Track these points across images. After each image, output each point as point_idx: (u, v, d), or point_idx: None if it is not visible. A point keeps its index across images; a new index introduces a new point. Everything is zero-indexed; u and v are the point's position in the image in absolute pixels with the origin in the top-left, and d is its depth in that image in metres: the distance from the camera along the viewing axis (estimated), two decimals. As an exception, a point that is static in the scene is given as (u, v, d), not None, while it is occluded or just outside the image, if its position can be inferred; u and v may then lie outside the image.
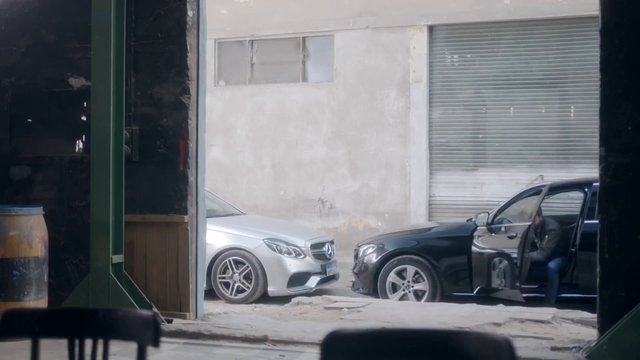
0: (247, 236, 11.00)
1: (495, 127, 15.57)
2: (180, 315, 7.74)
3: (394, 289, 10.14)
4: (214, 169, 17.20)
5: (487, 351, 2.17)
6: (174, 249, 7.83)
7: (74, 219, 8.18)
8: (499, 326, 7.68)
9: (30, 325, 2.81)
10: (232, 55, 17.60)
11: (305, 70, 17.12)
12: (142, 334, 2.71)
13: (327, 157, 16.63)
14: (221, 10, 17.08)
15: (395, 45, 15.95)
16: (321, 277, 11.20)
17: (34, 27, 8.40)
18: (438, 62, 15.90)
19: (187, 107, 7.83)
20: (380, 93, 16.11)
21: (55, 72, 8.30)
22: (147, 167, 7.92)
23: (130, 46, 7.88)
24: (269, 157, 17.08)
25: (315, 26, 16.61)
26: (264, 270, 10.67)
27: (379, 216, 16.02)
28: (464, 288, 9.83)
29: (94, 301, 7.49)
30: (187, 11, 7.82)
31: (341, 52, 16.49)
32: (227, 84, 17.68)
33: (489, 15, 15.22)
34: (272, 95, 17.02)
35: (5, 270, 7.09)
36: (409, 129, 15.85)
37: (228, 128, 17.33)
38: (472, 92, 15.58)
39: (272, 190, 17.03)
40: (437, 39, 15.85)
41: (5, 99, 8.53)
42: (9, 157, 8.50)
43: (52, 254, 7.86)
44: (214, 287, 10.78)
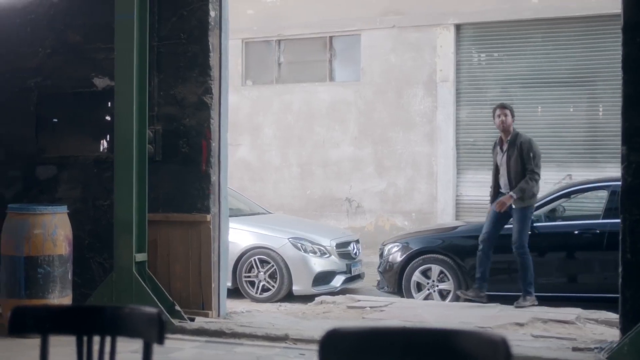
0: (272, 235, 11.03)
1: (522, 126, 15.33)
2: (202, 314, 7.79)
3: (418, 288, 10.10)
4: (241, 168, 17.27)
5: (484, 350, 2.18)
6: (197, 248, 7.88)
7: (98, 218, 8.27)
8: (521, 326, 7.65)
9: (40, 322, 2.85)
10: (259, 55, 17.65)
11: (332, 70, 17.12)
12: (147, 331, 2.74)
13: (354, 156, 16.62)
14: (248, 10, 17.14)
15: (422, 44, 15.90)
16: (346, 276, 11.20)
17: (59, 28, 8.51)
18: (465, 60, 15.83)
19: (209, 107, 7.89)
20: (407, 92, 16.08)
21: (80, 72, 8.40)
22: (170, 167, 7.99)
23: (153, 46, 7.95)
24: (295, 156, 17.11)
25: (341, 25, 16.60)
26: (289, 269, 10.68)
27: (406, 215, 15.99)
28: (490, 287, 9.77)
29: (117, 299, 7.57)
30: (210, 11, 7.88)
31: (368, 51, 16.47)
32: (254, 84, 17.74)
33: (516, 14, 15.11)
34: (299, 95, 17.04)
35: (30, 268, 7.20)
36: (435, 128, 15.80)
37: (255, 127, 17.39)
38: (499, 90, 15.47)
39: (299, 189, 17.06)
40: (464, 38, 15.78)
41: (31, 99, 8.64)
42: (35, 157, 8.62)
43: (76, 252, 7.96)
44: (239, 285, 10.82)
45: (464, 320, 7.83)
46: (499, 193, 9.24)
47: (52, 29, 8.54)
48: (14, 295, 7.21)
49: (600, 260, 9.53)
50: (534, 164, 8.97)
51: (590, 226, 9.81)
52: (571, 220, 10.43)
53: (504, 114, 9.17)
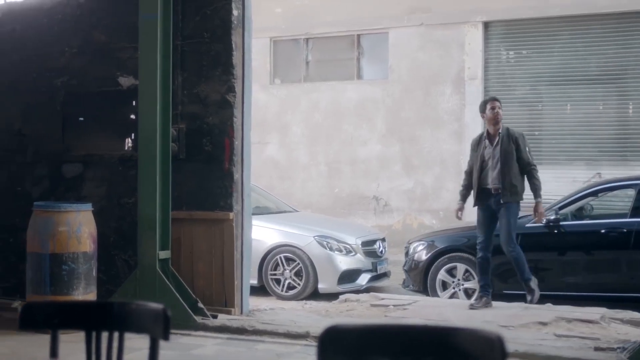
0: (297, 233, 11.06)
1: (551, 124, 15.35)
2: (225, 311, 7.84)
3: (444, 286, 10.07)
4: (269, 167, 17.34)
5: (480, 347, 2.19)
6: (220, 246, 7.93)
7: (123, 216, 8.35)
8: (545, 325, 7.60)
9: (50, 318, 2.89)
10: (287, 54, 17.70)
11: (360, 68, 17.12)
12: (154, 327, 2.77)
13: (382, 155, 16.61)
14: (276, 9, 17.21)
15: (450, 42, 15.84)
16: (372, 274, 11.20)
17: (86, 28, 8.60)
18: (493, 58, 15.75)
19: (232, 106, 7.93)
20: (434, 90, 16.03)
21: (106, 71, 8.49)
22: (193, 165, 8.04)
23: (177, 45, 8.01)
24: (323, 155, 17.13)
25: (369, 24, 16.60)
26: (315, 267, 10.71)
27: (434, 214, 15.94)
28: (515, 286, 9.73)
29: (141, 296, 7.63)
30: (232, 10, 7.92)
31: (395, 49, 16.44)
32: (283, 82, 17.79)
33: (544, 11, 15.00)
34: (327, 93, 17.06)
35: (55, 264, 7.28)
36: (463, 125, 15.73)
37: (283, 126, 17.44)
38: (528, 88, 15.38)
39: (326, 187, 17.08)
40: (493, 35, 15.69)
41: (58, 98, 8.75)
42: (61, 155, 8.73)
43: (102, 249, 8.05)
44: (265, 283, 10.87)
45: (487, 319, 7.80)
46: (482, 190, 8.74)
47: (78, 29, 8.63)
48: (39, 292, 7.31)
49: (627, 260, 9.46)
50: (531, 158, 8.75)
51: (617, 225, 9.71)
52: (598, 219, 10.33)
53: (499, 107, 8.77)
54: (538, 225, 9.76)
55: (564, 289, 9.49)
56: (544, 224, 9.71)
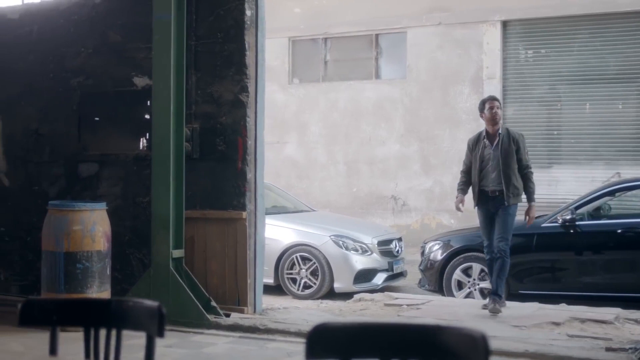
0: (313, 232, 11.09)
1: (570, 124, 15.27)
2: (238, 310, 7.88)
3: (459, 286, 10.06)
4: (288, 166, 17.38)
5: (464, 345, 2.21)
6: (233, 245, 7.97)
7: (138, 215, 8.41)
8: (558, 325, 7.57)
9: (49, 315, 2.94)
10: (306, 53, 17.73)
11: (378, 67, 17.12)
12: (149, 324, 2.80)
13: (400, 154, 16.59)
14: (295, 8, 17.25)
15: (468, 41, 15.80)
16: (388, 274, 11.20)
17: (101, 28, 8.68)
18: (512, 57, 15.68)
19: (245, 105, 7.97)
20: (453, 89, 15.99)
21: (121, 71, 8.56)
22: (207, 164, 8.10)
23: (191, 45, 8.06)
24: (342, 154, 17.14)
25: (387, 23, 16.59)
26: (330, 266, 10.73)
27: (452, 213, 15.86)
28: (531, 286, 9.70)
29: (154, 295, 7.68)
30: (246, 11, 7.95)
31: (414, 48, 16.42)
32: (301, 82, 17.82)
33: (563, 10, 14.92)
34: (345, 92, 17.08)
35: (69, 263, 7.35)
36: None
37: (302, 125, 17.48)
38: (546, 88, 15.31)
39: (345, 187, 17.09)
40: (511, 35, 15.63)
41: (74, 98, 8.84)
42: (78, 155, 8.81)
43: (117, 248, 8.12)
44: (281, 282, 10.91)
45: (499, 319, 7.78)
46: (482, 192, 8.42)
47: (94, 30, 8.71)
48: (53, 290, 7.38)
49: (644, 260, 9.41)
50: (528, 160, 8.51)
51: (634, 225, 9.66)
52: (615, 219, 10.27)
53: (497, 107, 8.47)
54: (554, 225, 9.73)
55: (580, 289, 9.44)
56: (559, 224, 9.68)
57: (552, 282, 9.71)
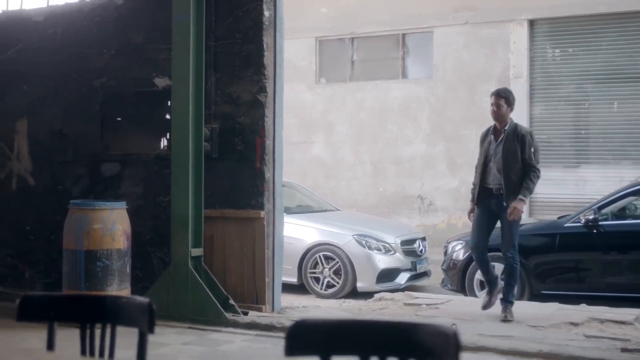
0: (337, 232, 11.12)
1: (598, 123, 15.14)
2: (256, 308, 7.94)
3: (482, 286, 10.01)
4: (314, 166, 17.44)
5: (437, 341, 2.24)
6: (251, 243, 8.04)
7: (158, 214, 8.52)
8: (576, 326, 7.52)
9: (46, 310, 3.01)
10: (333, 53, 17.77)
11: (405, 67, 17.12)
12: (141, 320, 2.86)
13: (426, 154, 16.57)
14: (321, 8, 17.31)
15: (495, 41, 15.74)
16: (411, 273, 11.20)
17: (124, 29, 8.80)
18: (539, 56, 15.59)
19: (263, 105, 8.04)
20: (479, 89, 15.92)
21: (142, 72, 8.67)
22: (226, 164, 8.17)
23: (210, 46, 8.14)
24: (368, 154, 17.17)
25: (414, 23, 16.58)
26: (353, 266, 10.76)
27: (479, 213, 15.83)
28: (553, 286, 9.65)
29: (174, 293, 7.79)
30: (264, 11, 8.02)
31: (440, 48, 16.40)
32: (328, 82, 17.87)
33: (591, 8, 14.79)
34: (372, 92, 17.10)
35: (90, 261, 7.47)
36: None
37: (329, 125, 17.53)
38: (574, 87, 15.20)
39: (371, 186, 17.11)
40: (538, 33, 15.54)
41: (97, 99, 8.97)
42: (100, 154, 8.94)
43: (138, 247, 8.24)
44: (305, 282, 10.96)
45: (517, 319, 7.76)
46: (484, 189, 8.04)
47: (116, 31, 8.83)
48: (74, 288, 7.50)
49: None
50: (535, 159, 7.90)
51: (658, 225, 9.58)
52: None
53: (497, 105, 8.03)
54: (577, 224, 9.67)
55: (603, 289, 9.36)
56: (582, 224, 9.62)
57: (574, 283, 9.64)
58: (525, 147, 7.84)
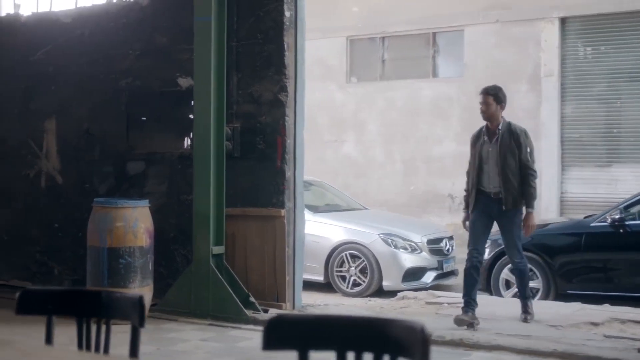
0: (363, 231, 11.16)
1: (630, 122, 14.97)
2: (276, 306, 8.02)
3: (507, 285, 10.00)
4: (346, 165, 17.49)
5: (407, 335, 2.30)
6: (272, 242, 8.12)
7: (182, 212, 8.63)
8: (596, 326, 7.49)
9: (44, 304, 3.11)
10: (364, 52, 17.80)
11: (436, 66, 17.08)
12: (132, 314, 2.94)
13: (457, 153, 16.47)
14: (352, 7, 17.34)
15: (526, 39, 15.63)
16: (438, 272, 11.19)
17: (148, 30, 8.93)
18: (570, 54, 15.45)
19: (284, 105, 8.12)
20: (510, 87, 15.70)
21: (166, 72, 8.80)
22: (247, 163, 8.26)
23: (232, 47, 8.24)
24: (399, 153, 17.16)
25: (445, 21, 16.54)
26: (379, 264, 10.78)
27: (509, 212, 15.76)
28: (579, 286, 9.60)
29: (195, 290, 7.91)
30: (285, 12, 8.09)
31: (471, 46, 16.34)
32: (359, 81, 17.91)
33: (624, 5, 14.62)
34: (403, 91, 17.09)
35: (112, 258, 7.61)
36: (540, 123, 15.49)
37: (359, 124, 17.56)
38: (606, 85, 15.04)
39: (402, 185, 17.10)
40: (570, 31, 15.40)
41: (122, 99, 9.12)
42: (126, 153, 9.09)
43: (162, 244, 8.37)
44: (331, 280, 11.01)
45: (536, 318, 7.73)
46: (480, 193, 7.63)
47: (141, 32, 8.97)
48: (97, 284, 7.65)
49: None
50: (531, 160, 7.53)
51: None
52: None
53: (485, 103, 7.53)
54: (603, 224, 9.61)
55: (629, 289, 9.30)
56: (608, 224, 9.56)
57: (600, 283, 9.59)
58: (521, 147, 7.48)
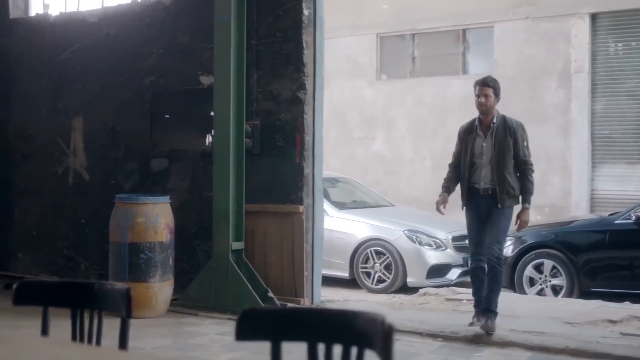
0: (388, 227, 11.20)
1: (662, 119, 14.82)
2: (295, 301, 8.11)
3: (531, 283, 9.99)
4: (375, 162, 17.52)
5: (369, 326, 2.37)
6: (290, 238, 8.21)
7: (203, 208, 8.76)
8: (614, 323, 7.46)
9: (40, 296, 3.23)
10: (394, 49, 17.79)
11: (465, 63, 17.02)
12: (121, 306, 3.04)
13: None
14: (382, 5, 17.36)
15: (556, 35, 15.51)
16: (463, 269, 11.19)
17: (171, 29, 9.07)
18: (601, 51, 15.30)
19: (303, 102, 8.20)
20: (540, 84, 15.74)
21: (188, 71, 8.93)
22: (267, 159, 8.37)
23: (252, 45, 8.35)
24: (428, 150, 17.14)
25: (474, 18, 16.47)
26: (404, 261, 10.82)
27: (539, 209, 15.63)
28: (604, 284, 9.55)
29: (215, 285, 8.02)
30: (303, 10, 8.17)
31: (501, 43, 16.25)
32: (389, 78, 17.92)
33: (655, 0, 14.48)
34: (432, 88, 17.06)
35: (133, 253, 7.76)
36: (570, 120, 15.38)
37: (389, 121, 17.57)
38: (637, 81, 14.87)
39: (431, 182, 17.01)
40: (600, 27, 15.26)
41: (146, 97, 9.27)
42: (149, 151, 9.24)
43: (184, 240, 8.51)
44: (356, 276, 11.08)
45: (554, 315, 7.73)
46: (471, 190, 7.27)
47: (164, 31, 9.11)
48: (119, 279, 7.80)
49: None
50: (528, 154, 7.15)
51: None
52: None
53: (484, 95, 7.20)
54: (627, 221, 9.55)
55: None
56: (633, 221, 9.50)
57: (624, 280, 9.53)
58: (518, 141, 7.10)
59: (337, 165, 16.61)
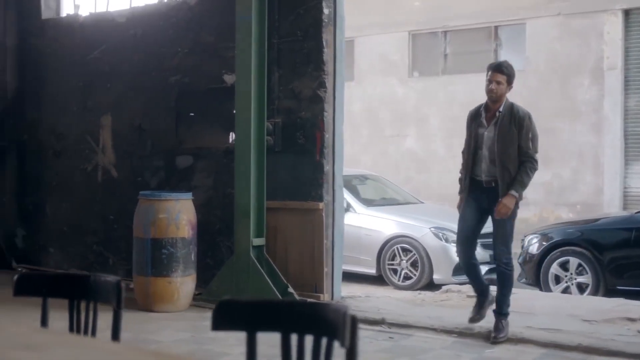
0: (414, 224, 11.27)
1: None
2: (315, 297, 8.20)
3: (556, 280, 9.98)
4: (407, 159, 17.56)
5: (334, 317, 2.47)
6: (310, 234, 8.31)
7: (227, 205, 8.88)
8: (632, 322, 7.42)
9: (39, 287, 3.36)
10: (426, 47, 17.82)
11: (497, 59, 16.92)
12: (113, 298, 3.16)
13: (518, 147, 16.39)
14: (414, 2, 17.38)
15: (588, 31, 15.41)
16: (489, 266, 11.18)
17: (196, 29, 9.22)
18: (634, 47, 15.16)
19: (323, 100, 8.29)
20: (572, 81, 15.65)
21: (213, 70, 9.07)
22: (288, 157, 8.47)
23: (273, 44, 8.46)
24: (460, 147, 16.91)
25: (506, 15, 16.43)
26: (430, 258, 10.89)
27: (571, 207, 15.59)
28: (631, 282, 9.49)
29: (236, 281, 8.15)
30: (324, 9, 8.26)
31: (533, 40, 16.19)
32: (421, 75, 17.93)
33: (689, -4, 14.32)
34: (464, 86, 17.02)
35: (156, 248, 7.92)
36: (602, 117, 15.28)
37: (421, 118, 17.60)
38: (671, 78, 14.75)
39: (463, 180, 17.06)
40: (633, 23, 15.12)
41: (172, 95, 9.44)
42: (175, 148, 9.41)
43: (208, 236, 8.67)
44: (383, 273, 11.18)
45: (573, 312, 7.72)
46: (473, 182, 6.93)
47: (189, 30, 9.26)
48: (142, 273, 7.98)
49: None
50: (533, 148, 6.62)
51: None
52: None
53: (496, 81, 6.70)
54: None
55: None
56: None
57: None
58: (523, 132, 6.59)
59: (369, 162, 16.70)
